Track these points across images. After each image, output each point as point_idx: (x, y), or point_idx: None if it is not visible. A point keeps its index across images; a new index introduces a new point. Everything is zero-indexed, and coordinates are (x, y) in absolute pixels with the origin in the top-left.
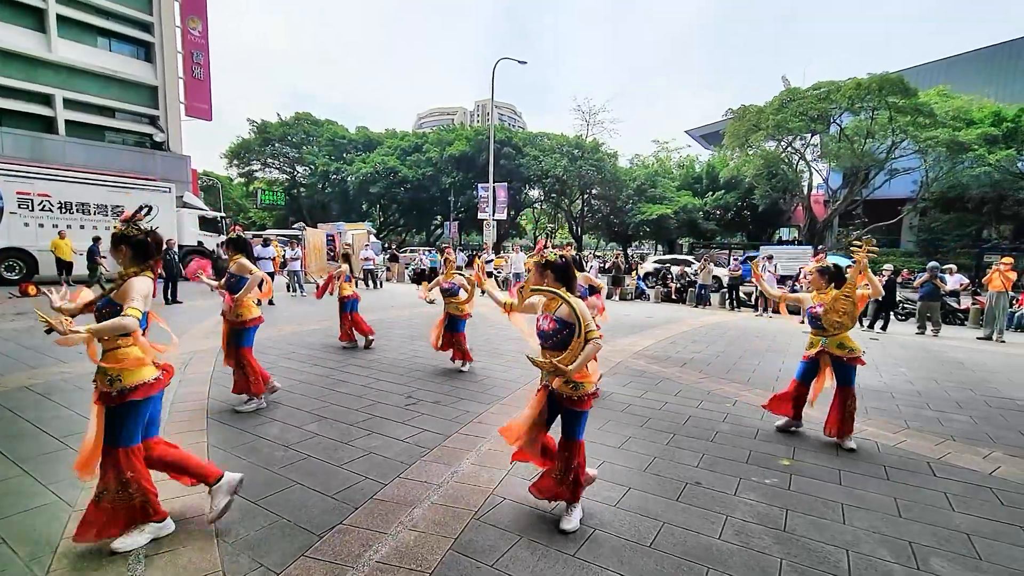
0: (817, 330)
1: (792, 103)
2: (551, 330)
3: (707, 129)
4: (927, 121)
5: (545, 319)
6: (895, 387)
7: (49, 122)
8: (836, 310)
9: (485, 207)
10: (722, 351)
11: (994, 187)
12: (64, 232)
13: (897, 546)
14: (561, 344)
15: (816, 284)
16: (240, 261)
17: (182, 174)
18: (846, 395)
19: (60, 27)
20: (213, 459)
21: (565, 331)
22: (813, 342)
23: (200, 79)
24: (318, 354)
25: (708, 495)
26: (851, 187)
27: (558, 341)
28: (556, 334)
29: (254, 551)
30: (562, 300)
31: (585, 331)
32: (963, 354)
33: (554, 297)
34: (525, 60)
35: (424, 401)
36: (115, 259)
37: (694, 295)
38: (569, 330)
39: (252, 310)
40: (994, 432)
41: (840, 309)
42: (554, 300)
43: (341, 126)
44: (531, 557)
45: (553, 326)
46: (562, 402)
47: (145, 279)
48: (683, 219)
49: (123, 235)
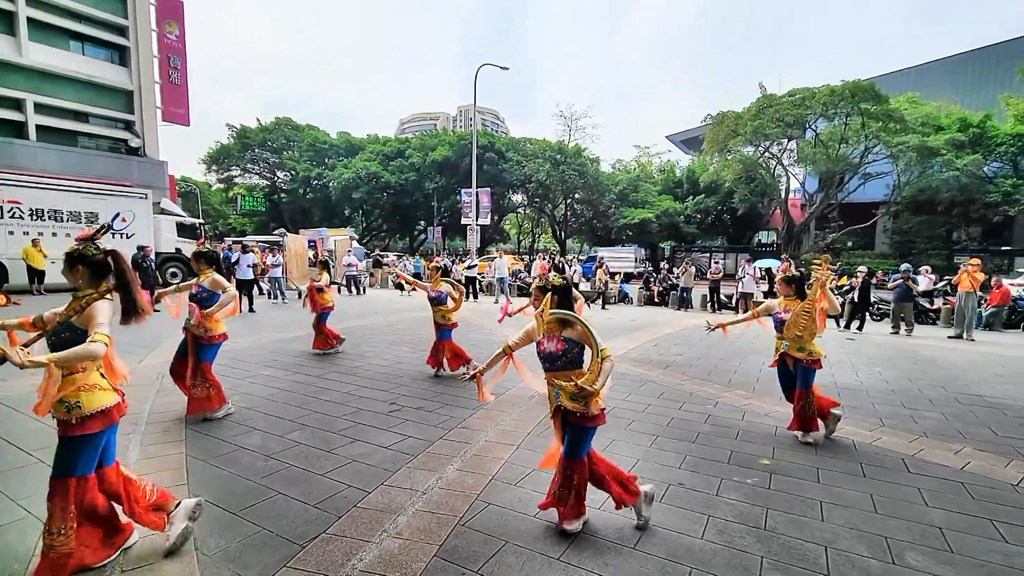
0: (781, 334)
1: (769, 109)
2: (559, 351)
3: (687, 134)
4: (898, 127)
5: (551, 341)
6: (870, 386)
7: (19, 127)
8: (796, 324)
9: (468, 212)
10: (704, 353)
11: (962, 191)
12: (37, 240)
13: (874, 542)
14: (570, 364)
15: (783, 291)
16: (213, 276)
17: (159, 180)
18: (804, 396)
19: (31, 30)
20: (192, 470)
21: (574, 350)
22: (777, 346)
23: (177, 84)
24: (300, 362)
25: (691, 496)
26: (827, 191)
27: (567, 361)
28: (565, 354)
29: (235, 563)
30: (574, 321)
31: (600, 351)
32: (935, 353)
33: (560, 319)
34: (507, 66)
35: (408, 408)
36: (69, 280)
37: (676, 298)
38: (578, 349)
39: (220, 326)
40: (965, 428)
41: (801, 324)
42: (556, 323)
43: (322, 131)
44: (516, 562)
45: (562, 347)
46: (570, 419)
47: (107, 303)
48: (664, 223)
49: (81, 255)
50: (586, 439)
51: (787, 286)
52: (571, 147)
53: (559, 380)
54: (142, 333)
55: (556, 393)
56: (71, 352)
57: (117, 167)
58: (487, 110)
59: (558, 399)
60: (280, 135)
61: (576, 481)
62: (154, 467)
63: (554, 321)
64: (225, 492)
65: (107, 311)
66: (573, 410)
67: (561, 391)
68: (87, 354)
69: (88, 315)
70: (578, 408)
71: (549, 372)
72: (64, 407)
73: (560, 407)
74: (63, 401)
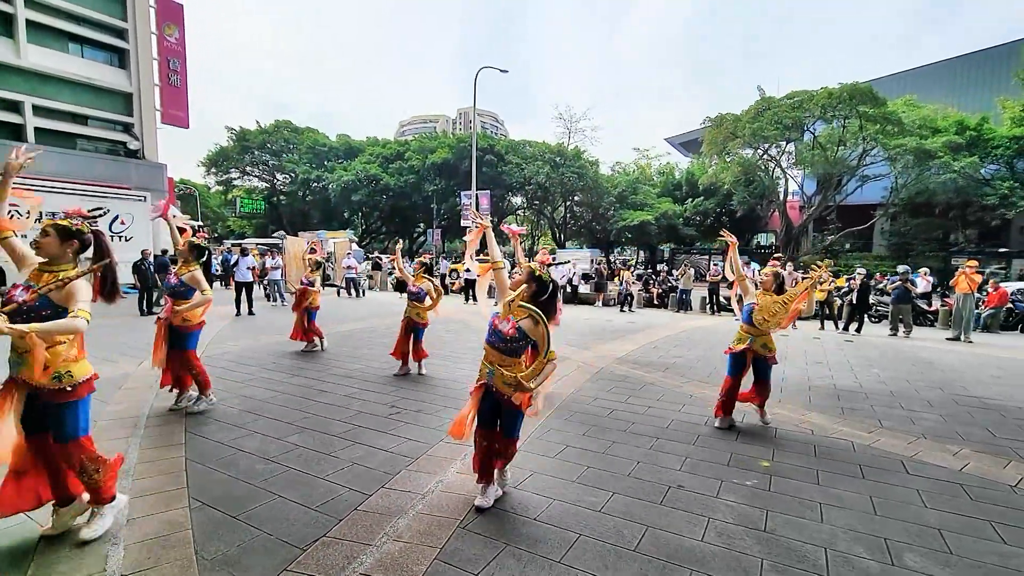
0: (749, 325)
1: (767, 112)
2: (509, 336)
3: (686, 137)
4: (895, 129)
5: (505, 321)
6: (869, 387)
7: (17, 129)
8: (767, 310)
9: (468, 214)
10: (703, 355)
11: (959, 193)
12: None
13: (872, 543)
14: (511, 352)
15: (766, 285)
16: (194, 273)
17: (158, 183)
18: (764, 386)
19: (30, 33)
20: (192, 473)
21: (521, 342)
22: (742, 337)
23: (177, 86)
24: (299, 364)
25: (691, 498)
26: (825, 193)
27: (511, 348)
28: (513, 342)
29: (234, 567)
30: (538, 320)
31: (547, 353)
32: (933, 354)
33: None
34: (506, 69)
35: (407, 410)
36: (44, 251)
37: (675, 300)
38: (524, 342)
39: (196, 315)
40: (963, 430)
41: (771, 311)
42: (523, 310)
43: (322, 134)
44: (517, 564)
45: (513, 334)
46: (502, 400)
47: (86, 281)
48: (664, 225)
49: (78, 231)
50: (520, 420)
51: (773, 279)
52: (571, 149)
53: (496, 362)
54: (140, 336)
55: (491, 372)
56: (54, 324)
57: (116, 169)
58: (487, 112)
59: (491, 377)
60: (279, 137)
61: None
62: (154, 470)
63: (521, 310)
64: (224, 495)
65: (88, 290)
66: (503, 393)
67: (495, 372)
68: (71, 328)
69: (68, 293)
70: (509, 393)
71: (490, 348)
72: (55, 378)
73: (490, 387)
74: (53, 373)
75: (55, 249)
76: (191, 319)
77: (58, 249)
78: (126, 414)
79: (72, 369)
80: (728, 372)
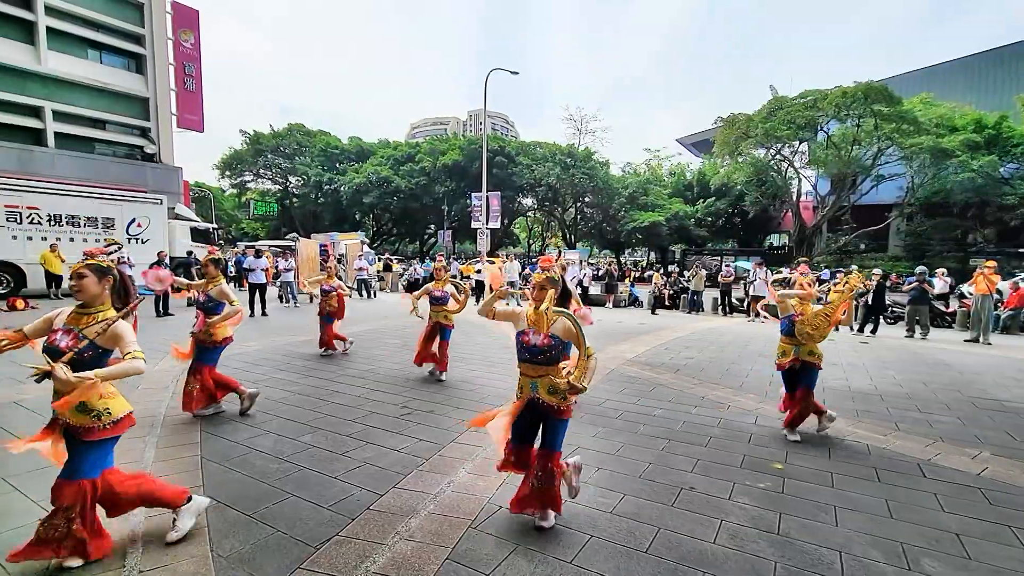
0: (789, 337)
1: (780, 111)
2: (545, 346)
3: (697, 137)
4: (911, 128)
5: (536, 335)
6: (884, 390)
7: (38, 134)
8: (810, 323)
9: (478, 216)
10: (715, 357)
11: (977, 192)
12: (55, 245)
13: (888, 547)
14: (550, 360)
15: (808, 296)
16: (221, 287)
17: (174, 186)
18: (808, 395)
19: (50, 39)
20: (207, 472)
21: (557, 348)
22: (786, 351)
23: (192, 91)
24: (312, 365)
25: (703, 500)
26: (839, 193)
27: (549, 357)
28: (551, 350)
29: (249, 564)
30: (570, 322)
31: (586, 349)
32: (950, 356)
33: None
34: (517, 71)
35: (418, 411)
36: (86, 294)
37: (687, 301)
38: (562, 346)
39: (224, 330)
40: (981, 433)
41: (815, 324)
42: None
43: (334, 136)
44: (528, 565)
45: (548, 342)
46: (549, 412)
47: (126, 322)
48: (675, 226)
49: (105, 267)
50: (564, 430)
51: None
52: (581, 151)
53: (537, 375)
54: (156, 337)
55: (533, 385)
56: (118, 368)
57: (133, 173)
58: (497, 114)
59: (535, 391)
60: (292, 140)
61: (556, 474)
62: (170, 469)
63: (553, 316)
64: (239, 494)
65: (131, 330)
66: (551, 404)
67: (539, 384)
68: (134, 370)
69: (113, 334)
70: (556, 402)
71: (527, 364)
72: (92, 415)
73: (537, 399)
74: (89, 409)
75: (95, 288)
76: (217, 333)
77: (97, 287)
78: (143, 414)
79: (111, 405)
80: (785, 388)
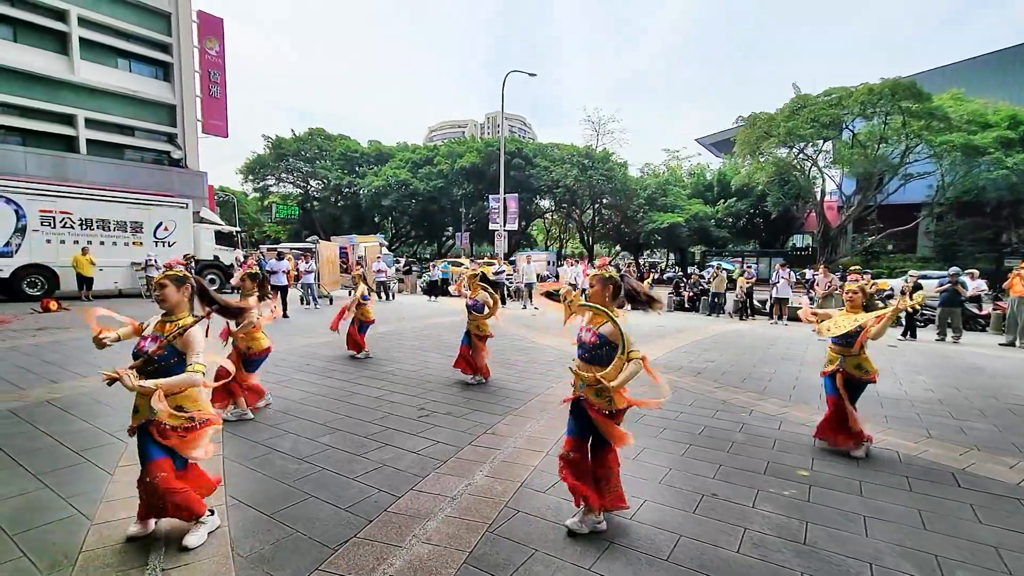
0: (839, 347)
1: (803, 110)
2: (591, 344)
3: (717, 137)
4: (941, 125)
5: (587, 331)
6: (914, 395)
7: (71, 141)
8: (835, 322)
9: (496, 218)
10: (736, 360)
11: (1011, 190)
12: (86, 248)
13: (922, 559)
14: (597, 359)
15: (855, 302)
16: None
17: (199, 190)
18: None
19: (83, 50)
20: (229, 472)
21: (604, 348)
22: (832, 359)
23: (217, 97)
24: (331, 366)
25: (725, 507)
26: (865, 193)
27: (596, 356)
28: (595, 349)
29: (268, 564)
30: (608, 319)
31: (628, 351)
32: (983, 360)
33: (600, 313)
34: (535, 72)
35: (437, 413)
36: (168, 302)
37: (707, 304)
38: (608, 347)
39: (262, 341)
40: (1020, 441)
41: (836, 322)
42: (600, 316)
43: (354, 140)
44: (546, 571)
45: (594, 340)
46: (593, 412)
47: (200, 328)
48: (694, 227)
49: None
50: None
51: (862, 295)
52: (599, 152)
53: (583, 372)
54: None
55: (581, 384)
56: (176, 380)
57: (160, 178)
58: (514, 116)
59: (582, 388)
60: (313, 145)
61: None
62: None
63: (598, 316)
64: (259, 494)
65: (202, 338)
66: (596, 405)
67: (585, 384)
68: (191, 382)
69: (186, 341)
70: (598, 402)
71: (579, 360)
72: (187, 416)
73: (582, 398)
74: (184, 409)
75: (175, 297)
76: (255, 346)
77: (177, 296)
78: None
79: (203, 407)
80: (828, 394)
